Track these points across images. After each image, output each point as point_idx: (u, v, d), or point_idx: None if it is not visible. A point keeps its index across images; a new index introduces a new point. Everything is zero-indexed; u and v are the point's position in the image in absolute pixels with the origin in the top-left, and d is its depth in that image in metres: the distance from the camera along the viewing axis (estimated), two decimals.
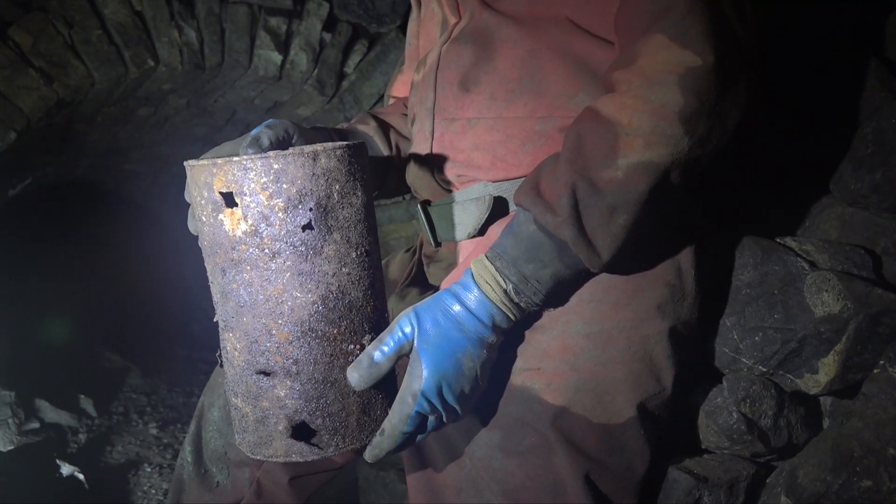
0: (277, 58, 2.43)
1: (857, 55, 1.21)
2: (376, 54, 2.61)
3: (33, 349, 3.43)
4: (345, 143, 0.85)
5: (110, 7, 2.14)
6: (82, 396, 3.05)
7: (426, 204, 1.13)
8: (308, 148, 0.81)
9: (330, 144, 0.88)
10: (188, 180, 0.87)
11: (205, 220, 0.84)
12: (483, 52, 1.01)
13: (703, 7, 0.83)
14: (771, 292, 1.03)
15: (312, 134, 1.04)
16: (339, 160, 0.82)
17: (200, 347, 4.40)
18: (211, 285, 0.88)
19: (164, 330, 4.55)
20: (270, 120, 0.98)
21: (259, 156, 0.80)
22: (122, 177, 4.27)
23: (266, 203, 0.80)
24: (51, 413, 2.72)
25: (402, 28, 2.65)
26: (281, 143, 0.96)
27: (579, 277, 0.91)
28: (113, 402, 3.27)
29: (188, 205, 0.93)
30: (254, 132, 0.95)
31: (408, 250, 1.30)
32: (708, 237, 1.03)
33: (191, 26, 2.27)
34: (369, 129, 1.21)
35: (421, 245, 1.23)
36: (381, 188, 1.23)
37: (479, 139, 1.02)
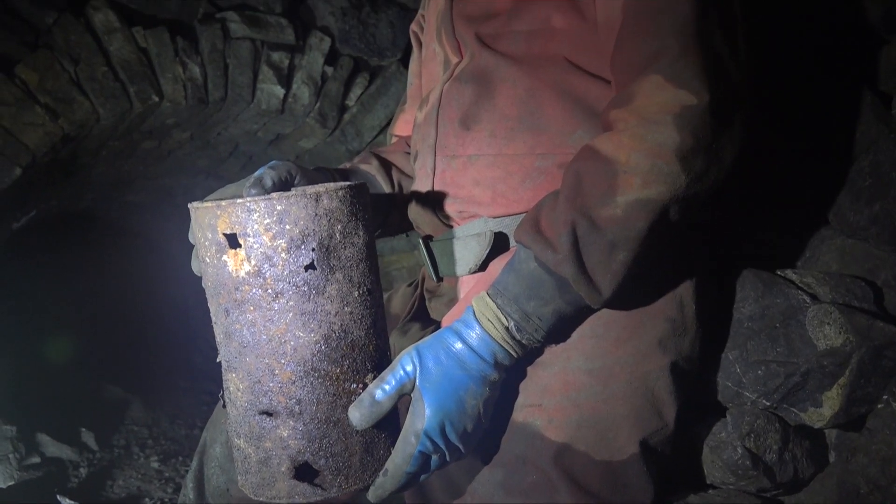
0: (280, 91, 2.46)
1: (852, 87, 1.22)
2: (377, 87, 2.64)
3: (35, 381, 3.42)
4: (346, 183, 0.87)
5: (115, 44, 2.17)
6: (83, 429, 3.03)
7: (428, 239, 1.14)
8: (310, 189, 0.82)
9: (332, 185, 0.90)
10: (192, 222, 0.88)
11: (208, 261, 0.85)
12: (483, 90, 1.03)
13: (696, 48, 0.85)
14: (773, 325, 1.03)
15: (315, 175, 1.06)
16: (340, 201, 0.83)
17: (203, 378, 4.38)
18: (214, 326, 0.88)
19: (167, 361, 4.53)
20: (273, 161, 0.99)
21: (262, 197, 0.81)
22: (125, 208, 4.30)
23: (269, 244, 0.81)
24: (52, 447, 2.71)
25: (403, 61, 2.68)
26: (284, 184, 0.97)
27: (580, 313, 0.91)
28: (114, 434, 3.25)
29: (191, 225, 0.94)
30: (257, 173, 0.96)
31: (410, 284, 1.30)
32: (708, 270, 1.04)
33: (195, 62, 2.30)
34: (371, 169, 1.23)
35: (423, 279, 1.24)
36: (383, 226, 1.24)
37: (480, 175, 1.03)
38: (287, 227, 0.81)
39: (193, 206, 0.86)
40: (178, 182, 3.55)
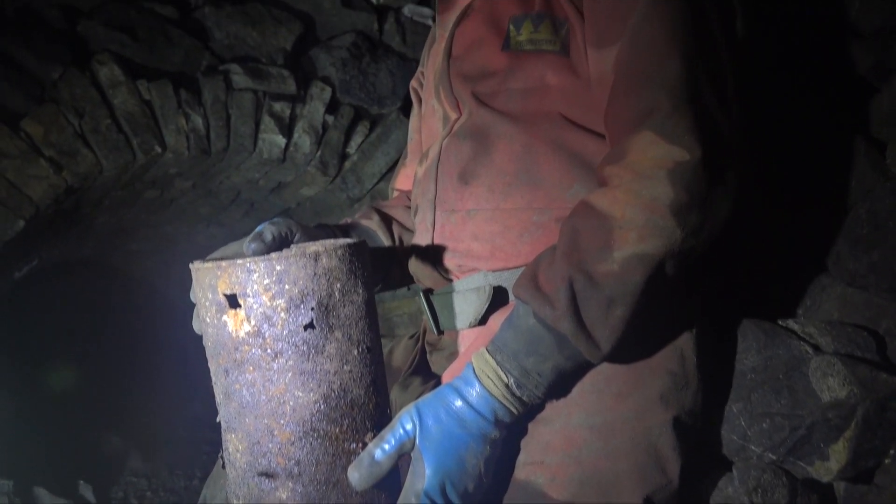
0: (281, 141, 2.49)
1: (846, 135, 1.24)
2: (378, 135, 2.67)
3: (33, 432, 3.39)
4: (345, 242, 0.87)
5: (120, 97, 2.21)
6: (82, 482, 3.00)
7: (429, 292, 1.14)
8: (310, 248, 0.83)
9: (330, 244, 0.90)
10: (193, 282, 0.88)
11: (209, 321, 0.85)
12: (481, 146, 1.04)
13: (687, 104, 0.86)
14: (776, 377, 1.03)
15: (315, 231, 1.07)
16: (340, 259, 0.84)
17: (202, 426, 4.33)
18: (214, 386, 0.88)
19: (166, 408, 4.50)
20: (275, 218, 1.00)
21: (262, 258, 0.81)
22: (127, 255, 4.31)
23: (269, 304, 0.81)
24: (49, 501, 2.67)
25: (403, 109, 2.72)
26: (283, 240, 0.98)
27: (580, 368, 0.91)
28: (112, 486, 3.21)
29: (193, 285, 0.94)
30: (258, 229, 0.97)
31: (412, 336, 1.30)
32: (709, 322, 1.03)
33: (197, 113, 2.34)
34: (372, 224, 1.24)
35: (424, 332, 1.24)
36: (384, 280, 1.25)
37: (479, 230, 1.04)
38: (286, 286, 0.81)
39: (194, 267, 0.86)
40: (180, 229, 3.57)
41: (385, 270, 1.23)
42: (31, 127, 2.07)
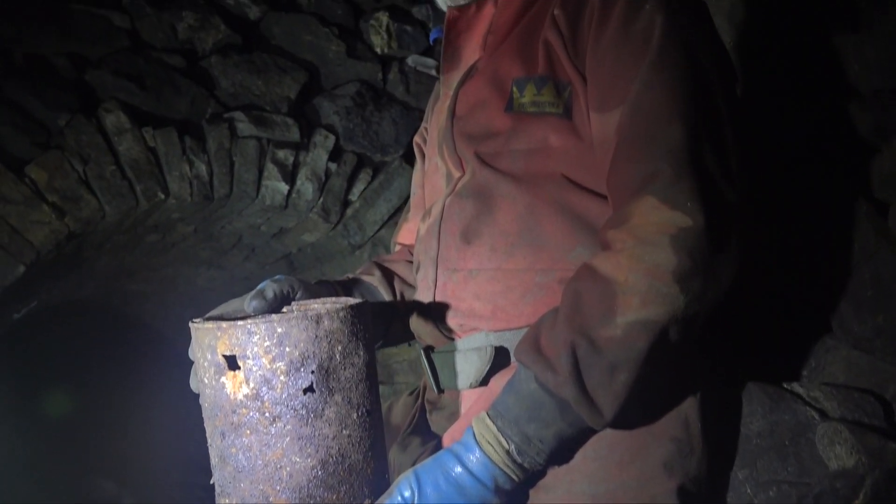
0: (284, 188, 2.50)
1: (847, 196, 1.24)
2: (380, 182, 2.69)
3: (28, 476, 3.33)
4: (347, 303, 0.87)
5: (125, 144, 2.23)
6: None
7: (429, 350, 1.13)
8: (312, 309, 0.82)
9: (332, 305, 0.90)
10: (192, 341, 0.87)
11: (207, 381, 0.84)
12: (484, 206, 1.04)
13: (689, 171, 0.87)
14: (782, 443, 1.01)
15: (317, 288, 1.06)
16: (341, 321, 0.83)
17: (196, 471, 4.26)
18: (209, 448, 0.86)
19: (161, 451, 4.43)
20: (277, 276, 1.00)
21: (263, 319, 0.81)
22: (127, 296, 4.30)
23: (268, 367, 0.80)
24: None
25: (405, 157, 2.75)
26: (285, 297, 0.98)
27: (583, 434, 0.90)
28: None
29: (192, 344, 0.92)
30: (260, 286, 0.97)
31: (411, 393, 1.28)
32: (713, 386, 1.02)
33: (201, 160, 2.36)
34: (374, 280, 1.23)
35: (424, 389, 1.22)
36: (385, 337, 1.24)
37: (480, 289, 1.03)
38: (287, 349, 0.80)
39: (194, 326, 0.85)
40: (181, 272, 3.56)
41: (386, 326, 1.22)
42: (36, 173, 2.08)
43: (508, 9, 1.14)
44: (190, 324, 0.86)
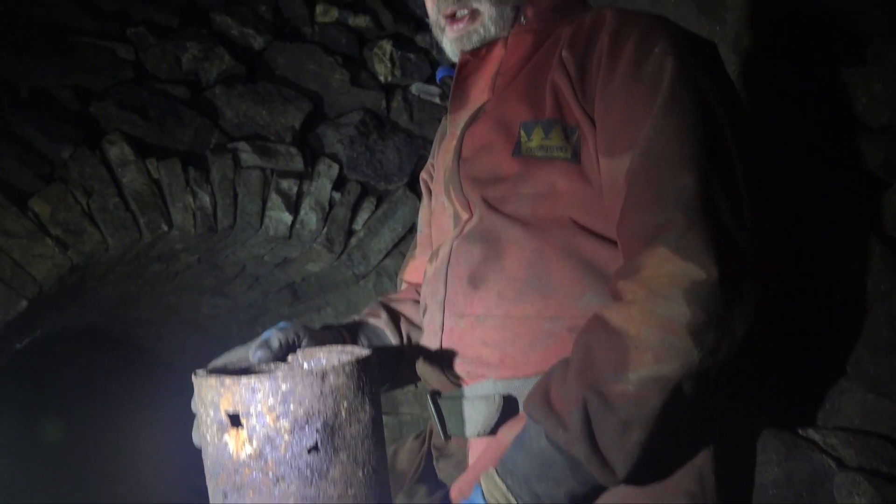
0: (288, 218, 2.49)
1: (860, 235, 1.22)
2: (384, 211, 2.68)
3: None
4: (353, 357, 0.85)
5: (129, 176, 2.23)
6: None
7: (436, 394, 1.11)
8: (317, 366, 0.80)
9: (338, 360, 0.88)
10: (195, 394, 0.85)
11: (209, 439, 0.82)
12: (491, 251, 1.02)
13: (702, 220, 0.85)
14: (799, 493, 0.98)
15: (323, 335, 1.04)
16: (347, 377, 0.81)
17: (201, 497, 4.22)
18: None
19: (164, 477, 4.40)
20: (282, 323, 0.98)
21: (267, 376, 0.79)
22: (130, 322, 4.28)
23: (272, 425, 0.78)
24: None
25: (409, 185, 2.74)
26: (290, 346, 0.96)
27: (594, 492, 0.87)
28: None
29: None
30: (265, 335, 0.95)
31: (416, 436, 1.26)
32: (727, 435, 1.00)
33: (205, 191, 2.35)
34: (380, 322, 1.22)
35: (430, 433, 1.20)
36: (391, 380, 1.22)
37: (488, 336, 1.01)
38: (291, 407, 0.78)
39: (197, 380, 0.83)
40: (184, 300, 3.55)
41: (392, 370, 1.20)
42: (39, 206, 2.07)
43: (517, 51, 1.13)
44: (193, 377, 0.85)
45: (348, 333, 1.15)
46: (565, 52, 1.05)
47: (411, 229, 2.73)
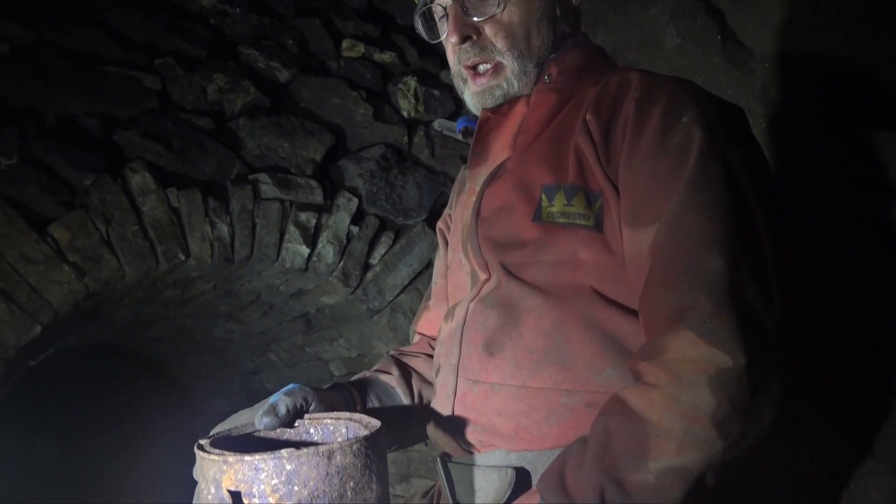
0: (305, 251, 2.48)
1: (889, 309, 1.18)
2: (401, 246, 2.66)
3: None
4: (362, 434, 0.82)
5: (149, 204, 2.23)
6: None
7: (446, 458, 1.08)
8: (323, 446, 0.78)
9: (346, 430, 0.85)
10: (197, 466, 0.83)
11: None
12: (508, 318, 1.00)
13: (729, 305, 0.82)
14: None
15: (331, 395, 1.02)
16: (354, 455, 0.79)
17: None
18: None
19: (173, 496, 4.37)
20: (290, 386, 0.96)
21: (271, 454, 0.76)
22: (144, 342, 4.30)
23: None
24: None
25: (428, 221, 2.72)
26: (298, 412, 0.94)
27: None
28: None
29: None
30: (272, 399, 0.93)
31: (425, 494, 1.23)
32: None
33: (224, 222, 2.35)
34: (392, 380, 1.19)
35: (438, 493, 1.17)
36: (401, 440, 1.19)
37: (503, 406, 0.99)
38: (295, 488, 0.75)
39: (200, 454, 0.81)
40: (199, 323, 3.55)
41: (403, 431, 1.18)
42: (59, 232, 2.08)
43: (540, 109, 1.11)
44: (195, 449, 0.82)
45: (358, 392, 1.13)
46: (590, 116, 1.04)
47: (428, 265, 2.71)
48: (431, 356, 1.26)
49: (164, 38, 2.42)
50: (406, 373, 1.22)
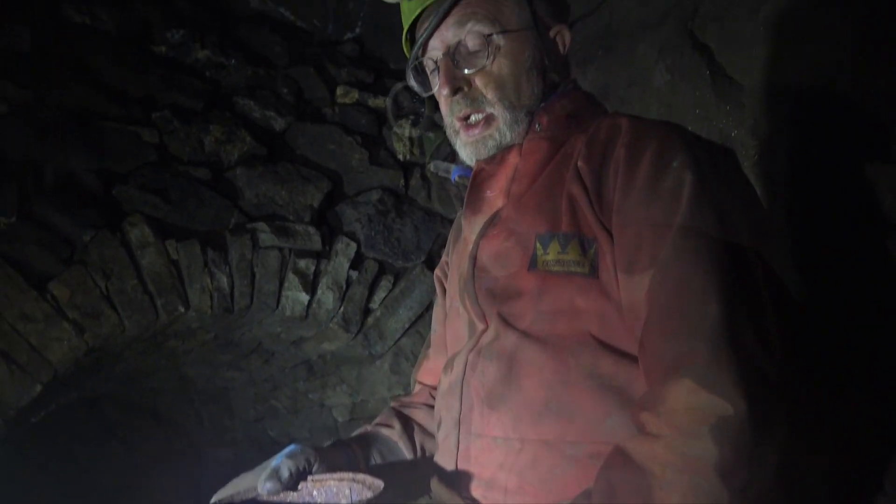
0: (305, 298, 2.48)
1: (888, 348, 1.18)
2: (401, 290, 2.66)
3: None
4: (366, 495, 0.81)
5: (148, 258, 2.24)
6: None
7: None
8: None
9: (349, 491, 0.84)
10: None
11: None
12: (508, 370, 0.99)
13: (726, 351, 0.82)
14: None
15: (334, 454, 1.01)
16: None
17: None
18: None
19: None
20: (291, 446, 0.95)
21: None
22: (145, 392, 4.27)
23: None
24: None
25: (427, 263, 2.73)
26: (301, 474, 0.93)
27: None
28: None
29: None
30: (274, 463, 0.92)
31: None
32: None
33: (223, 272, 2.35)
34: (394, 434, 1.18)
35: None
36: (405, 495, 1.18)
37: (505, 460, 0.97)
38: None
39: None
40: (200, 372, 3.53)
41: (406, 486, 1.16)
42: (58, 289, 2.08)
43: (532, 158, 1.12)
44: None
45: (361, 449, 1.12)
46: (581, 163, 1.04)
47: (428, 307, 2.70)
48: (432, 406, 1.25)
49: (162, 92, 2.45)
50: (408, 426, 1.21)
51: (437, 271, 1.38)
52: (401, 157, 2.83)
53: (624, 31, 2.39)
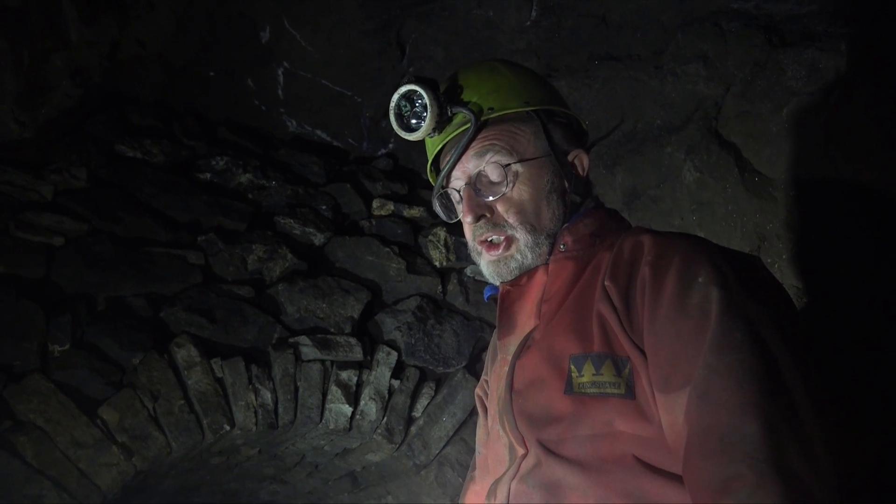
0: (348, 410, 2.48)
1: None
2: (443, 397, 2.65)
3: None
4: None
5: (194, 377, 2.28)
6: None
7: None
8: None
9: None
10: None
11: None
12: (552, 498, 0.98)
13: (770, 473, 0.80)
14: None
15: None
16: None
17: None
18: None
19: None
20: None
21: None
22: None
23: None
24: None
25: (468, 368, 2.72)
26: None
27: None
28: None
29: None
30: None
31: None
32: None
33: (267, 388, 2.38)
34: None
35: None
36: None
37: None
38: None
39: None
40: (244, 486, 3.50)
41: None
42: (108, 414, 2.12)
43: (559, 278, 1.14)
44: None
45: None
46: (608, 282, 1.06)
47: (472, 413, 2.67)
48: None
49: (206, 216, 2.57)
50: None
51: (478, 390, 1.39)
52: (437, 263, 2.89)
53: (650, 136, 2.45)
